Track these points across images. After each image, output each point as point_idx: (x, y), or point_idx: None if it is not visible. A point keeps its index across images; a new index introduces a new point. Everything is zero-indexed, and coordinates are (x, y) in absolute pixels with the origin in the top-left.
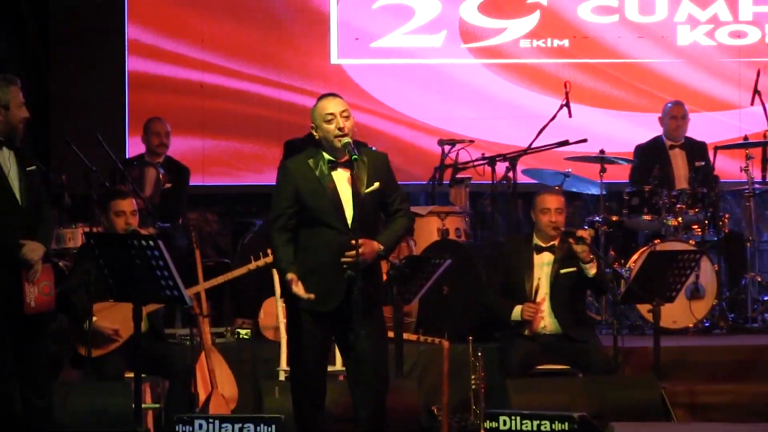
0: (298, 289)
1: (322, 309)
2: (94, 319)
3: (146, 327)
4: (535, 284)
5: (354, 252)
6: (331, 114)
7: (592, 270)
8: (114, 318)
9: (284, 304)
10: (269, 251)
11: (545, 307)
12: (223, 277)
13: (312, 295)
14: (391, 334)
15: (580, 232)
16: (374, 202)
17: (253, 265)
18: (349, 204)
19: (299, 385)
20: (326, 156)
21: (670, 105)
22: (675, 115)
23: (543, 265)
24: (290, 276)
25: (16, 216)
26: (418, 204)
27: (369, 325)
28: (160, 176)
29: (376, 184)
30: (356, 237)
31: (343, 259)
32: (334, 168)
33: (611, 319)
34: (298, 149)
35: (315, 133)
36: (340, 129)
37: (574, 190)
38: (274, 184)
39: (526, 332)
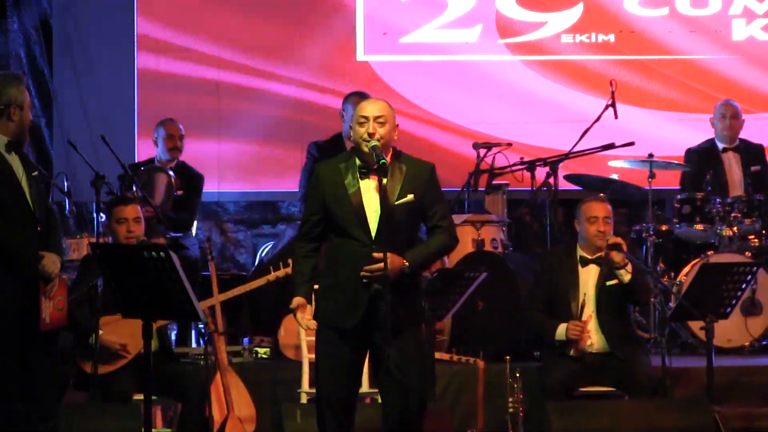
0: (301, 317)
1: (342, 325)
2: (100, 332)
3: (156, 344)
4: (581, 300)
5: (374, 266)
6: (365, 117)
7: (626, 276)
8: (121, 332)
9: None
10: (290, 261)
11: (592, 324)
12: (239, 289)
13: (313, 325)
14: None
15: (612, 239)
16: (407, 216)
17: (272, 276)
18: (375, 215)
19: (324, 407)
20: (358, 162)
21: (720, 103)
22: (725, 114)
23: (589, 279)
24: (295, 302)
25: (33, 226)
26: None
27: (402, 344)
28: (172, 182)
29: (410, 197)
30: (380, 250)
31: (362, 273)
32: (365, 175)
33: (660, 338)
34: (323, 152)
35: (351, 134)
36: (369, 134)
37: (620, 197)
38: (296, 190)
39: (572, 352)
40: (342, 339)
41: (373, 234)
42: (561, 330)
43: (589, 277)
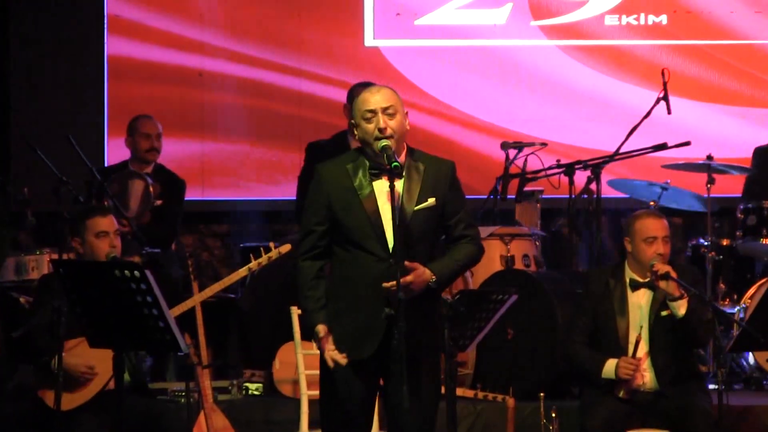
0: (328, 350)
1: (357, 355)
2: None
3: (128, 378)
4: (636, 334)
5: (396, 281)
6: (371, 111)
7: (680, 309)
8: (88, 355)
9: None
10: (271, 245)
11: (646, 361)
12: (216, 286)
13: (342, 359)
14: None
15: (658, 266)
16: (428, 224)
17: (254, 264)
18: (392, 223)
19: None
20: (368, 162)
21: None
22: None
23: (641, 306)
24: (321, 330)
25: None
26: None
27: (416, 379)
28: (150, 190)
29: (431, 201)
30: (401, 263)
31: (385, 285)
32: (377, 177)
33: (719, 371)
34: (324, 153)
35: (355, 132)
36: (380, 129)
37: (674, 206)
38: (294, 198)
39: (621, 394)
40: (355, 371)
41: (391, 246)
42: (609, 367)
43: (640, 303)
